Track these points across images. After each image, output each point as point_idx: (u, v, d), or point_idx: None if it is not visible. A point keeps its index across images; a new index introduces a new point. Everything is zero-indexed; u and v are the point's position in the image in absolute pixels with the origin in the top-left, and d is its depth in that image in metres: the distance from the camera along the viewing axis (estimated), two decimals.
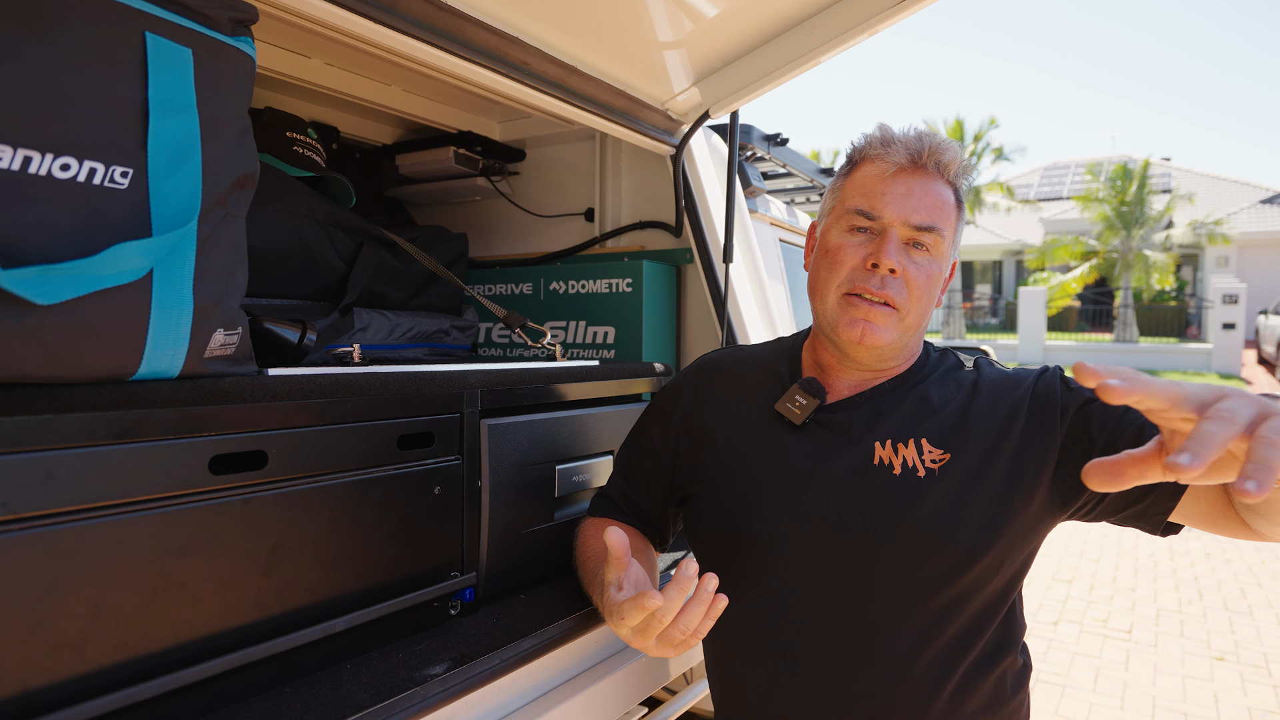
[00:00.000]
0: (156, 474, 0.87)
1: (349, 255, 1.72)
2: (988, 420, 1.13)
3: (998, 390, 1.16)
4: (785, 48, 1.71)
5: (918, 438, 1.13)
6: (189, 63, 0.88)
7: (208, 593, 0.92)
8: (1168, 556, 6.04)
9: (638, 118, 1.84)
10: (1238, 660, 4.20)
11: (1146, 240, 20.81)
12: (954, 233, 1.16)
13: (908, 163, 1.13)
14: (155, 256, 0.83)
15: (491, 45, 1.40)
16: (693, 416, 1.31)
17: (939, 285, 1.16)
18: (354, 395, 1.08)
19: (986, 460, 1.10)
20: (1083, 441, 1.09)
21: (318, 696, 0.98)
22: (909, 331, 1.14)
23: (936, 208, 1.12)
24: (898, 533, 1.09)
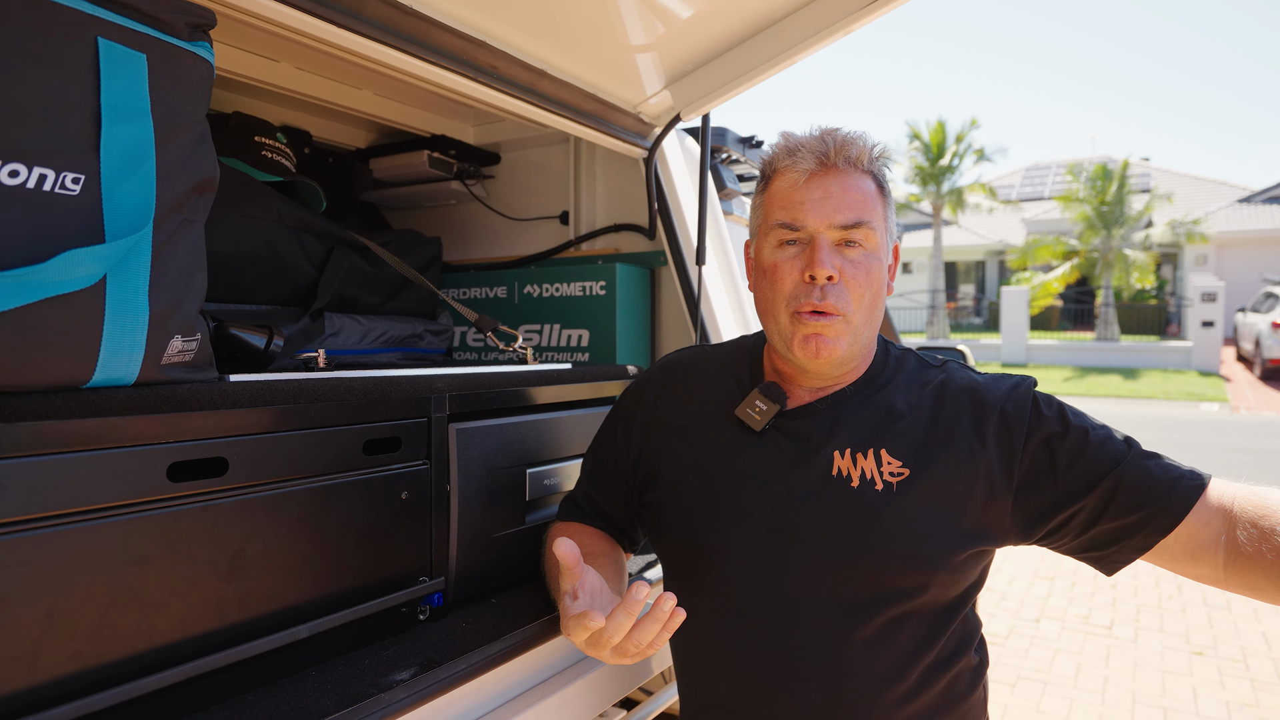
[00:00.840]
0: (113, 482, 0.86)
1: (319, 260, 1.71)
2: (951, 434, 1.11)
3: (965, 400, 1.14)
4: (756, 50, 1.72)
5: (877, 448, 1.12)
6: (143, 68, 0.88)
7: (166, 601, 0.91)
8: None
9: (610, 121, 1.85)
10: (1216, 655, 4.24)
11: (1126, 240, 21.02)
12: (884, 220, 1.14)
13: (817, 166, 1.11)
14: (109, 263, 0.83)
15: (459, 49, 1.40)
16: (653, 420, 1.30)
17: (881, 277, 1.14)
18: (317, 401, 1.08)
19: (946, 476, 1.09)
20: (1045, 478, 1.09)
21: (280, 704, 0.97)
22: (860, 331, 1.12)
23: (858, 202, 1.10)
24: (853, 547, 1.08)
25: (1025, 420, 1.11)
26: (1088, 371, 18.81)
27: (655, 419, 1.30)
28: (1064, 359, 20.32)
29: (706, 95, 1.80)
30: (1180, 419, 12.95)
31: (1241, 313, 19.12)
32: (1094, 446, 1.08)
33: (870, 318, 1.13)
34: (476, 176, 2.37)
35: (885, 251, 1.15)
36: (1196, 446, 10.51)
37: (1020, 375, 1.17)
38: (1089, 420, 1.12)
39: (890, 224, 1.17)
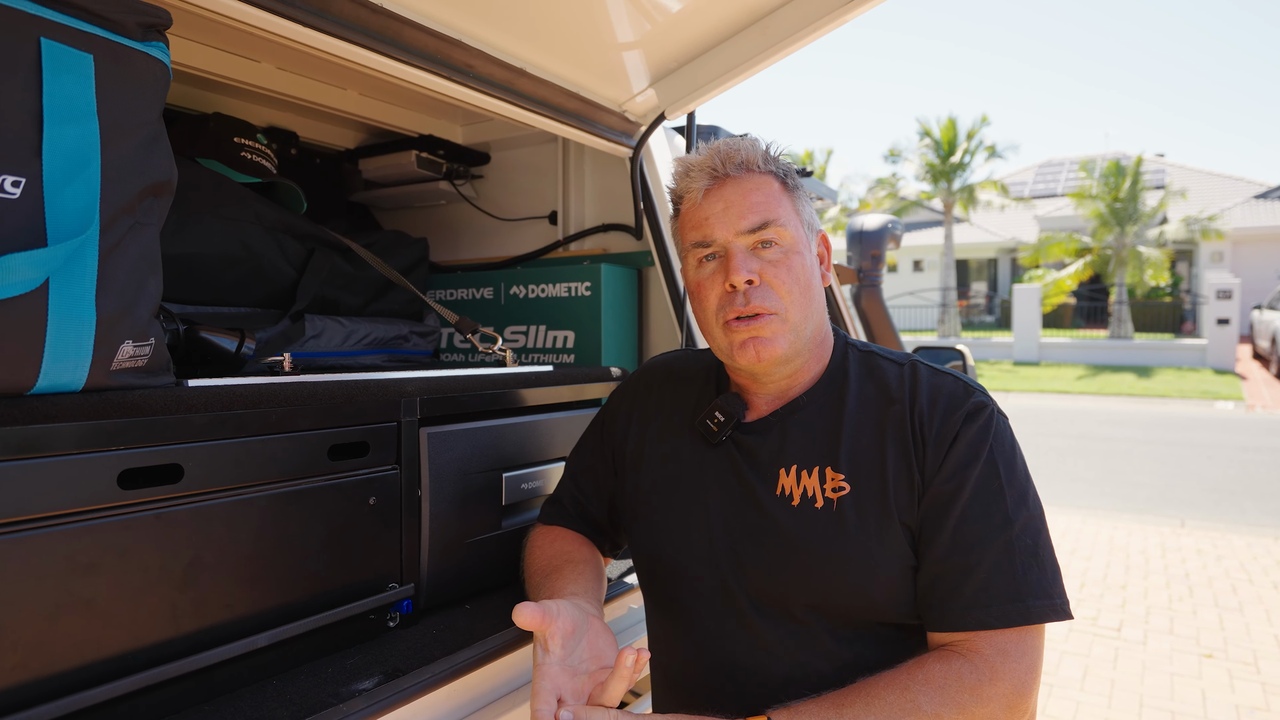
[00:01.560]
0: (60, 490, 0.85)
1: (299, 261, 1.70)
2: (893, 446, 1.08)
3: (918, 411, 1.10)
4: (740, 47, 1.70)
5: (823, 466, 1.10)
6: (89, 69, 0.86)
7: (117, 610, 0.90)
8: (1159, 553, 6.02)
9: (594, 120, 1.83)
10: (1226, 657, 4.18)
11: (1140, 236, 20.82)
12: (794, 214, 1.13)
13: (710, 180, 1.12)
14: (50, 267, 0.81)
15: (431, 48, 1.38)
16: (630, 427, 1.31)
17: (807, 269, 1.12)
18: (279, 406, 1.06)
19: (885, 491, 1.06)
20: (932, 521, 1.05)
21: (237, 714, 0.96)
22: (799, 327, 1.11)
23: (759, 204, 1.10)
24: (789, 567, 1.08)
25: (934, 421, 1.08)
26: (1101, 370, 18.64)
27: (632, 425, 1.31)
28: (1077, 357, 20.14)
29: (691, 93, 1.77)
30: (1194, 418, 12.80)
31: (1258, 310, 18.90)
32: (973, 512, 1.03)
33: (806, 311, 1.11)
34: (465, 177, 2.35)
35: (805, 244, 1.13)
36: (1211, 445, 10.38)
37: (980, 399, 1.10)
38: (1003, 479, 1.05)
39: (806, 216, 1.16)
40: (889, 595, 1.05)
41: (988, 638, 0.98)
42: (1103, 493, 8.08)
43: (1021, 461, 1.08)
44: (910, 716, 0.93)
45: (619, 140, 1.90)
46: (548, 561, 1.24)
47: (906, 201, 25.72)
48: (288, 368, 1.27)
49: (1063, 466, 9.23)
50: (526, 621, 0.94)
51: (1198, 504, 7.53)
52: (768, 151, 1.14)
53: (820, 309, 1.16)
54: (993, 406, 1.10)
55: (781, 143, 1.17)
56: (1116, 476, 8.80)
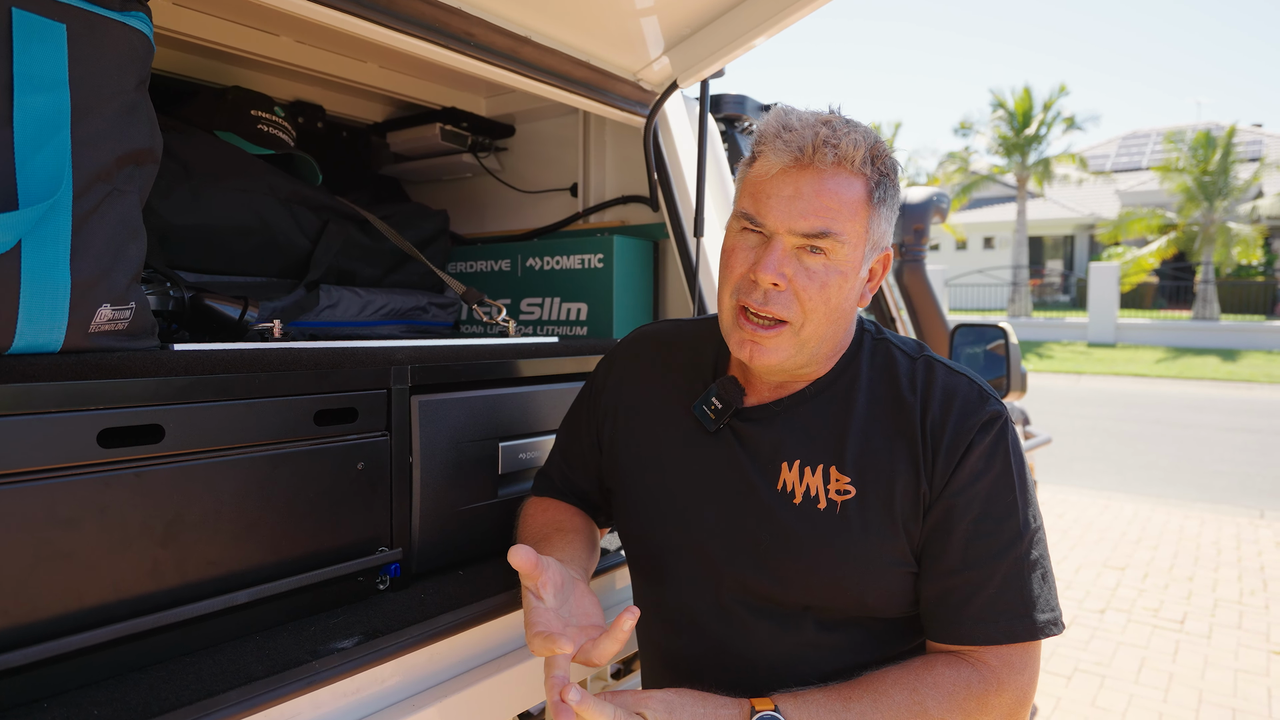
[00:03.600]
0: (39, 447, 0.88)
1: (314, 232, 1.73)
2: (907, 454, 1.04)
3: (929, 416, 1.05)
4: (754, 11, 1.64)
5: (827, 464, 1.06)
6: (62, 38, 0.89)
7: (97, 563, 0.93)
8: (1233, 545, 5.74)
9: (607, 89, 1.80)
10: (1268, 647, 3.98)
11: (1231, 212, 19.65)
12: (862, 231, 1.02)
13: (792, 162, 1.00)
14: (21, 230, 0.84)
15: (428, 16, 1.38)
16: (618, 401, 1.28)
17: (844, 293, 1.03)
18: (262, 370, 1.09)
19: (891, 497, 1.03)
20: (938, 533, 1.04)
21: (215, 667, 0.99)
22: (809, 343, 1.04)
23: (830, 210, 0.99)
24: (787, 566, 1.06)
25: (964, 452, 1.03)
26: (1182, 352, 17.73)
27: (620, 400, 1.28)
28: (1156, 339, 19.20)
29: (705, 59, 1.73)
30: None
31: None
32: (983, 528, 1.01)
33: (825, 332, 1.05)
34: (490, 149, 2.36)
35: (856, 266, 1.04)
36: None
37: (994, 408, 1.06)
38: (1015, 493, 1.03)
39: (876, 235, 1.05)
40: (885, 599, 1.05)
41: (995, 651, 1.00)
42: (1177, 480, 7.73)
43: (1025, 466, 1.06)
44: (918, 718, 0.95)
45: (633, 110, 1.87)
46: (538, 529, 1.24)
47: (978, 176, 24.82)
48: (277, 334, 1.30)
49: (1135, 453, 8.86)
50: (519, 562, 0.95)
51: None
52: (872, 152, 1.01)
53: (841, 328, 1.08)
54: (1006, 415, 1.06)
55: (891, 144, 1.07)
56: (1193, 464, 8.40)
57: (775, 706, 0.93)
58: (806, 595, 1.06)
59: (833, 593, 1.05)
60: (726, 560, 1.10)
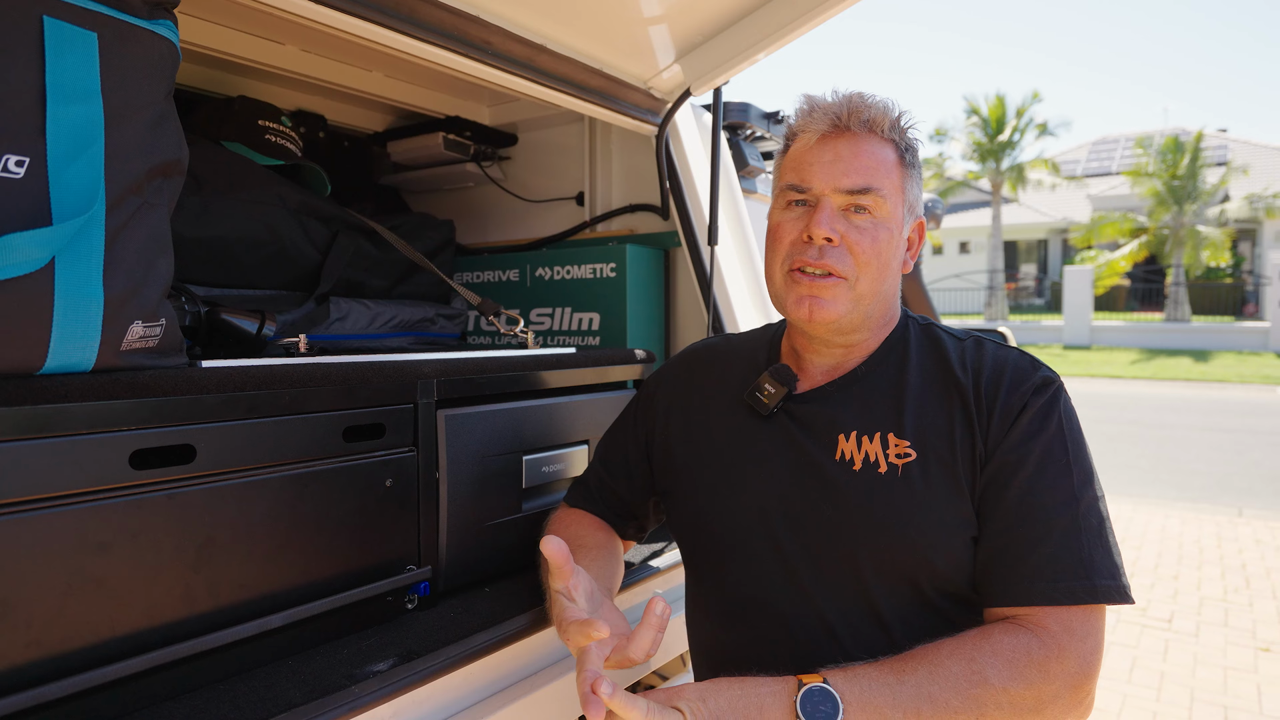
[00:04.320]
0: (70, 469, 0.85)
1: (324, 244, 1.70)
2: (959, 414, 1.05)
3: (983, 383, 1.06)
4: (769, 18, 1.64)
5: (884, 431, 1.07)
6: (94, 48, 0.86)
7: (130, 589, 0.90)
8: (1214, 543, 5.83)
9: (618, 98, 1.79)
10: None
11: (1200, 215, 20.05)
12: (899, 190, 1.09)
13: (830, 128, 1.08)
14: (56, 246, 0.81)
15: (447, 24, 1.36)
16: (671, 407, 1.29)
17: (892, 249, 1.08)
18: (291, 387, 1.06)
19: (951, 458, 1.03)
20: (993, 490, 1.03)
21: (250, 694, 0.96)
22: (865, 300, 1.07)
23: (869, 168, 1.06)
24: (853, 532, 1.05)
25: (1000, 394, 1.04)
26: (1156, 354, 18.03)
27: (674, 406, 1.29)
28: (1130, 341, 19.51)
29: (718, 67, 1.72)
30: (1255, 403, 12.33)
31: None
32: (1039, 484, 1.00)
33: (877, 289, 1.08)
34: (493, 158, 2.34)
35: (899, 224, 1.09)
36: (1272, 432, 9.99)
37: (1047, 374, 1.07)
38: (1070, 455, 1.02)
39: (910, 197, 1.11)
40: (953, 564, 1.02)
41: (1054, 614, 0.95)
42: (1156, 480, 7.84)
43: (1086, 443, 1.05)
44: (976, 689, 0.90)
45: (644, 118, 1.86)
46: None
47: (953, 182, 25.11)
48: (303, 349, 1.27)
49: (1114, 453, 8.97)
50: (552, 551, 0.94)
51: (1257, 493, 7.27)
52: (898, 120, 1.11)
53: (892, 289, 1.12)
54: (1060, 382, 1.07)
55: (915, 115, 1.12)
56: (1171, 464, 8.52)
57: (825, 680, 0.89)
58: (874, 564, 1.04)
59: (903, 556, 1.03)
60: (792, 536, 1.09)
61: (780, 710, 0.88)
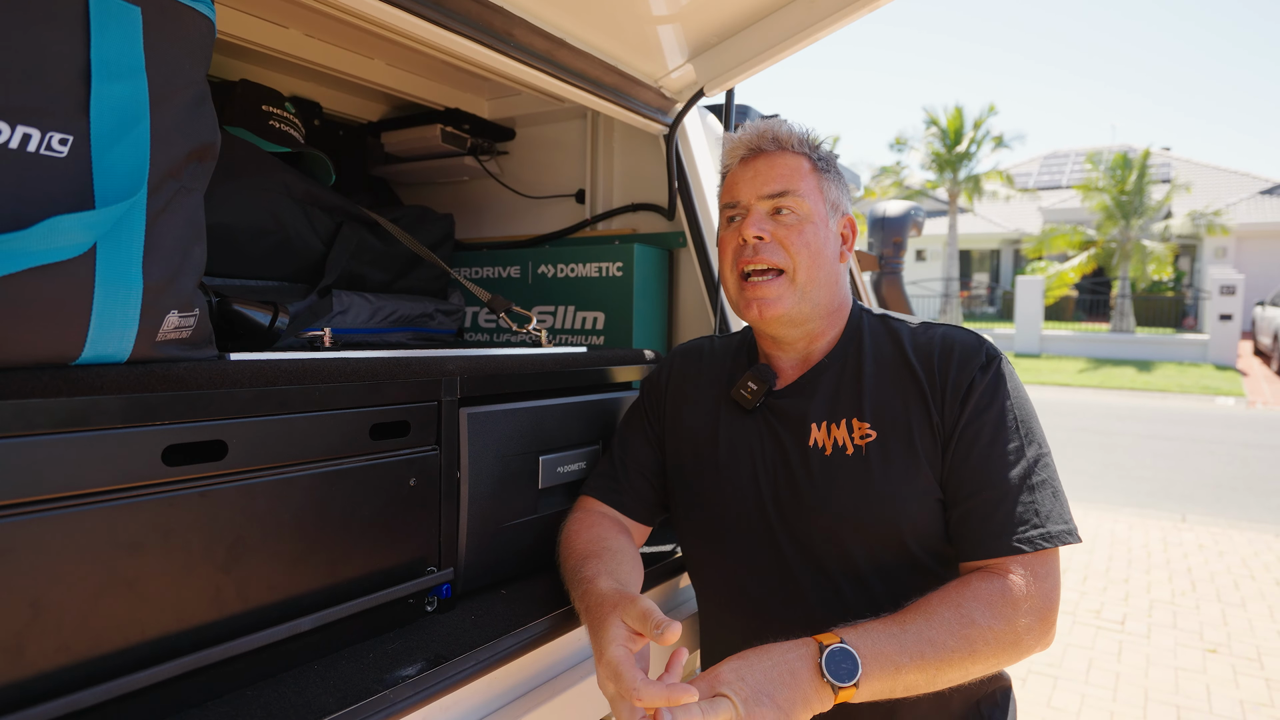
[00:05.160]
0: (104, 465, 0.81)
1: (328, 235, 1.65)
2: (913, 391, 1.19)
3: (927, 357, 1.20)
4: (785, 21, 1.65)
5: (849, 416, 1.21)
6: (137, 22, 0.81)
7: (161, 591, 0.86)
8: (1161, 548, 6.03)
9: (630, 95, 1.77)
10: (1230, 652, 4.18)
11: (1145, 230, 20.73)
12: (817, 190, 1.24)
13: (748, 152, 1.27)
14: (99, 231, 0.77)
15: (474, 14, 1.33)
16: (667, 404, 1.41)
17: (821, 240, 1.23)
18: (323, 381, 1.02)
19: (908, 434, 1.17)
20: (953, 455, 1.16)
21: (280, 700, 0.93)
22: (806, 289, 1.22)
23: (784, 175, 1.23)
24: (829, 512, 1.18)
25: (951, 369, 1.18)
26: (1102, 363, 18.62)
27: (668, 403, 1.41)
28: (1078, 350, 20.10)
29: (731, 69, 1.72)
30: (1195, 413, 12.81)
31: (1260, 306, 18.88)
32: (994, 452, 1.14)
33: (814, 277, 1.22)
34: (490, 152, 2.30)
35: (824, 219, 1.24)
36: (1212, 441, 10.39)
37: (990, 350, 1.21)
38: (1016, 421, 1.16)
39: (831, 197, 1.26)
40: (916, 530, 1.16)
41: (1020, 561, 1.09)
42: (1104, 485, 8.09)
43: (1029, 402, 1.19)
44: (967, 628, 1.02)
45: (654, 117, 1.85)
46: (585, 546, 1.25)
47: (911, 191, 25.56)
48: (328, 343, 1.23)
49: (1063, 459, 9.23)
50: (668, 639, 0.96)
51: (1199, 499, 7.54)
52: (806, 136, 1.28)
53: (831, 278, 1.25)
54: (1001, 356, 1.21)
55: (818, 131, 1.28)
56: (1117, 470, 8.80)
57: (841, 639, 0.99)
58: (852, 537, 1.17)
59: (873, 529, 1.16)
60: (778, 518, 1.23)
61: (809, 672, 0.97)
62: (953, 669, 1.02)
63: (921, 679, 1.01)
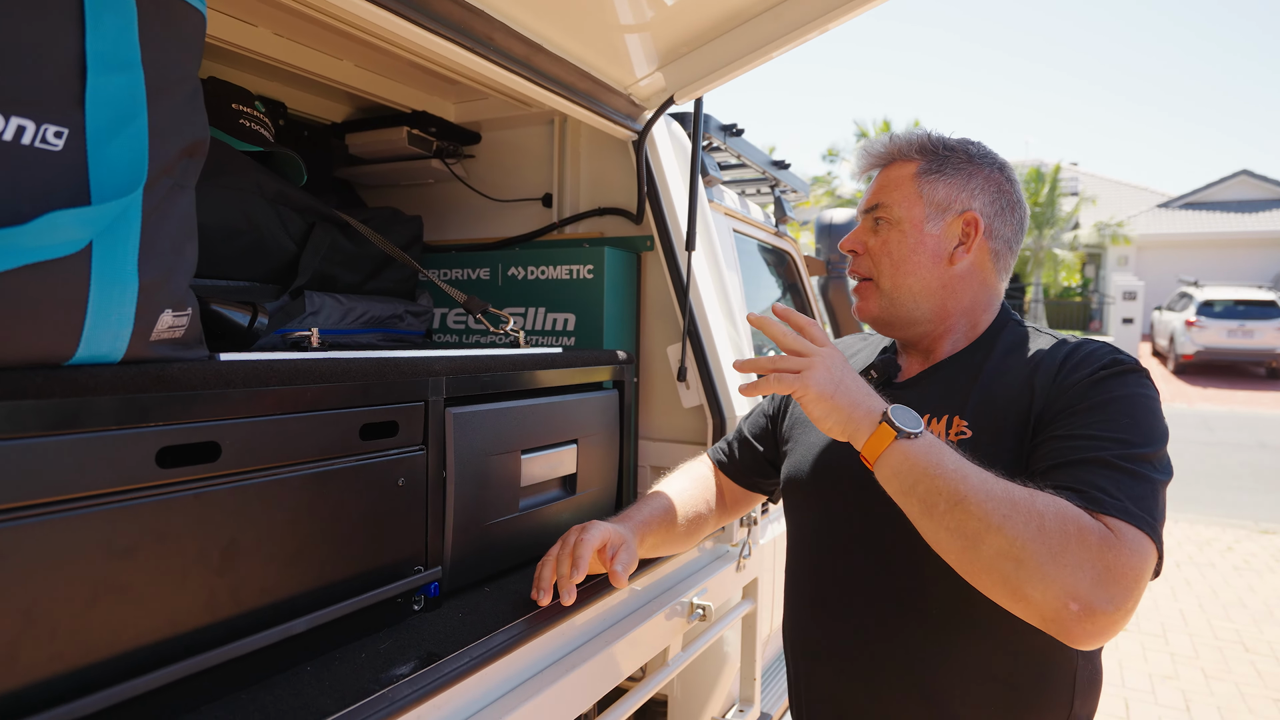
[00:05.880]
0: (97, 468, 0.77)
1: (300, 235, 1.60)
2: (1019, 393, 1.08)
3: (1059, 358, 1.09)
4: (752, 33, 1.66)
5: (952, 414, 1.14)
6: (133, 14, 0.77)
7: (155, 597, 0.82)
8: None
9: (601, 101, 1.76)
10: (1139, 631, 4.38)
11: (1056, 240, 21.60)
12: (913, 196, 1.22)
13: (861, 174, 1.33)
14: (95, 227, 0.73)
15: (456, 17, 1.31)
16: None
17: (906, 246, 1.21)
18: (314, 382, 0.99)
19: (1005, 433, 1.06)
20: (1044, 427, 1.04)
21: (277, 703, 0.89)
22: (895, 294, 1.22)
23: (880, 189, 1.26)
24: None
25: (1078, 370, 1.05)
26: None
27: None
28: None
29: (701, 78, 1.73)
30: None
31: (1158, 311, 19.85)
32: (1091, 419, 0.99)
33: (900, 283, 1.22)
34: (456, 155, 2.26)
35: (916, 224, 1.21)
36: None
37: (1126, 357, 1.07)
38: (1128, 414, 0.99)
39: (937, 197, 1.21)
40: None
41: (1111, 520, 0.88)
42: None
43: (1157, 416, 1.00)
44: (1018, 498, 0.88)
45: (623, 123, 1.84)
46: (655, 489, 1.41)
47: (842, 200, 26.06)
48: (315, 343, 1.19)
49: None
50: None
51: None
52: (920, 140, 1.26)
53: (929, 282, 1.20)
54: (1140, 367, 1.05)
55: (933, 129, 1.28)
56: None
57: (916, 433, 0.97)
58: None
59: None
60: (872, 509, 1.12)
61: (876, 400, 1.03)
62: (979, 513, 0.87)
63: (945, 498, 0.89)
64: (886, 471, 0.97)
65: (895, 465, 0.96)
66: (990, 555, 0.86)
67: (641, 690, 1.45)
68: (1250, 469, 8.88)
